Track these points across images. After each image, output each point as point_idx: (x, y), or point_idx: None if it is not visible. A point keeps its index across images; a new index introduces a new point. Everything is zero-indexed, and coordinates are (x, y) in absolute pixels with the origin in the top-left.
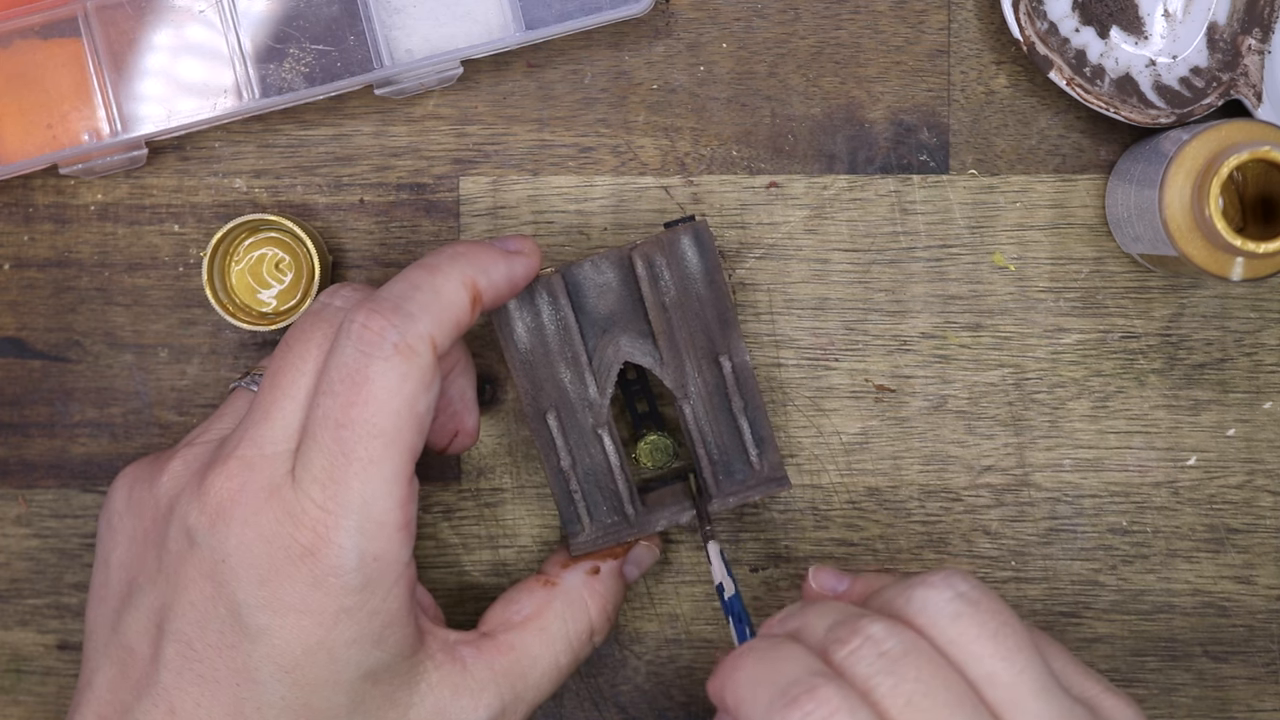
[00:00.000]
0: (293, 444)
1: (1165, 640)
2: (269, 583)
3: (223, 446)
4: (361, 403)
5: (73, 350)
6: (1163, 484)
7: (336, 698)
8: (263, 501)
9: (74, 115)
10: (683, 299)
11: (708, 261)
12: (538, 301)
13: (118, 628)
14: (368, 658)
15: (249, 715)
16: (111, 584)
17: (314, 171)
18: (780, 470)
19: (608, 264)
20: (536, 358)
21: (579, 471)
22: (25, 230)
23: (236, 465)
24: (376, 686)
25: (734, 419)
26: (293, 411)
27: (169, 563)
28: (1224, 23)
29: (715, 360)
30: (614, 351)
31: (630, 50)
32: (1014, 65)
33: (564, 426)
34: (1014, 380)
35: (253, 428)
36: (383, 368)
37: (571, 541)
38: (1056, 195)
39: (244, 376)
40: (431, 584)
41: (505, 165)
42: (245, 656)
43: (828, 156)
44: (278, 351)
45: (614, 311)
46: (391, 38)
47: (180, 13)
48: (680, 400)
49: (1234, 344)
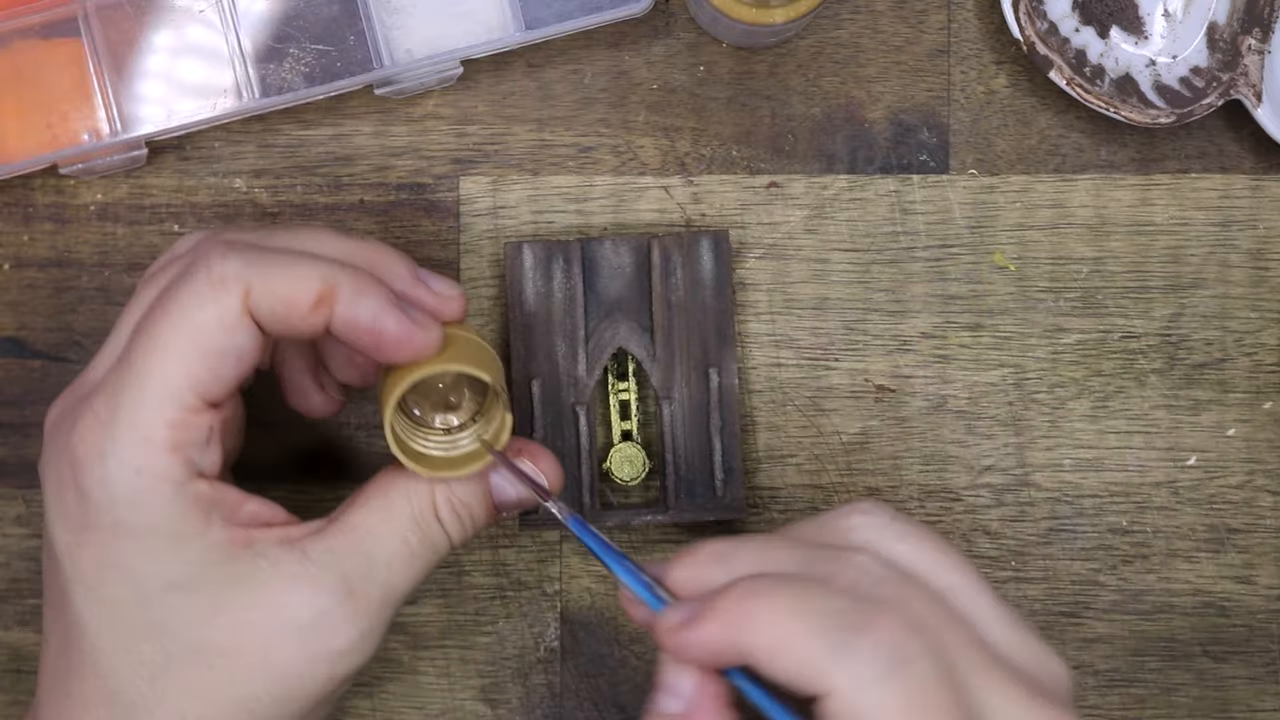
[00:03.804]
0: None
1: (1165, 640)
2: (61, 498)
3: None
4: (156, 317)
5: (73, 350)
6: (1163, 484)
7: (148, 613)
8: (63, 419)
9: (74, 115)
10: (689, 302)
11: (720, 272)
12: (553, 265)
13: None
14: (166, 570)
15: (74, 637)
16: None
17: (314, 171)
18: (741, 504)
19: (627, 248)
20: (537, 322)
21: (547, 447)
22: (25, 230)
23: (65, 393)
24: (192, 595)
25: (709, 436)
26: (121, 336)
27: None
28: (1224, 23)
29: (705, 372)
30: (611, 335)
31: (630, 50)
32: (1014, 65)
33: (545, 399)
34: (1014, 380)
35: (95, 357)
36: (188, 288)
37: (522, 515)
38: (1056, 195)
39: None
40: (431, 584)
41: (505, 165)
42: (60, 577)
43: (828, 156)
44: None
45: (621, 297)
46: (391, 38)
47: (180, 13)
48: (663, 399)
49: (1234, 344)
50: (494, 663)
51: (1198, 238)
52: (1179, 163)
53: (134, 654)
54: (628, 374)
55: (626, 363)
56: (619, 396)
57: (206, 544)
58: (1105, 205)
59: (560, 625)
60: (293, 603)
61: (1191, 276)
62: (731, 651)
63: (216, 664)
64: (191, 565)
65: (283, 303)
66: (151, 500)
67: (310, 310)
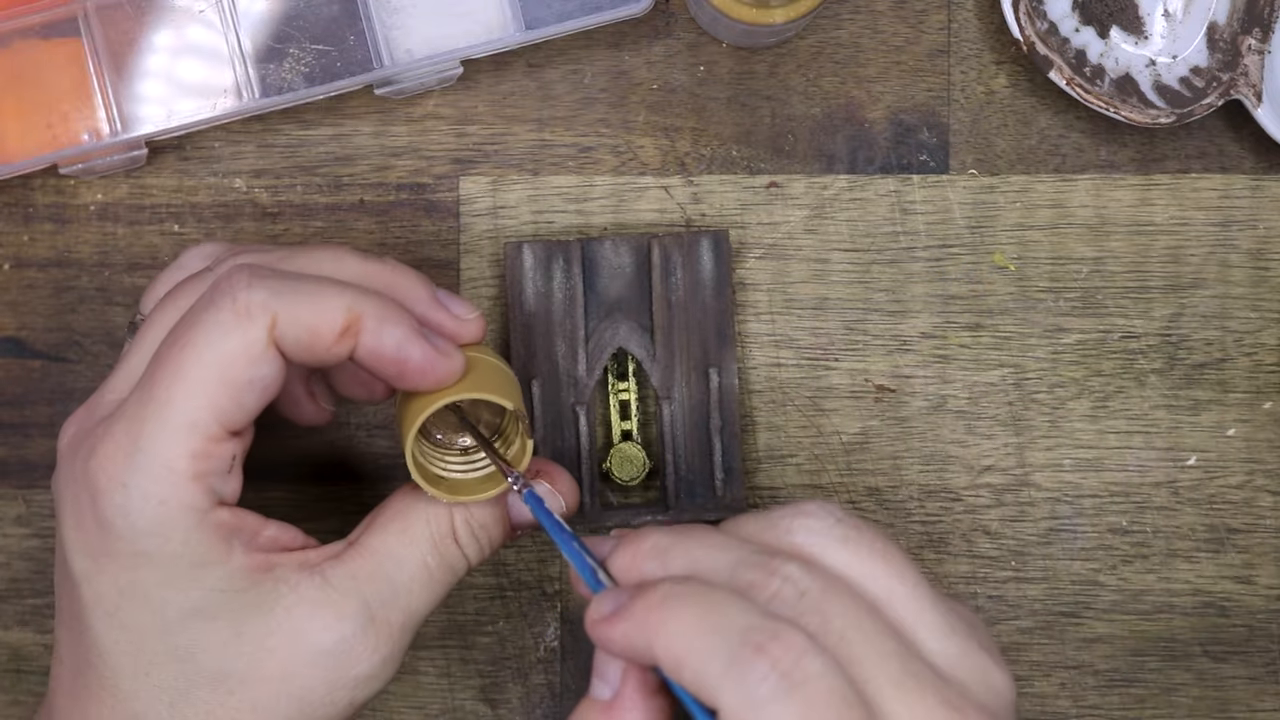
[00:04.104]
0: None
1: (1165, 640)
2: (80, 525)
3: None
4: (180, 345)
5: (73, 350)
6: (1163, 484)
7: (167, 639)
8: (81, 443)
9: (74, 115)
10: (689, 302)
11: (720, 272)
12: (553, 266)
13: None
14: (186, 598)
15: (93, 661)
16: None
17: (314, 171)
18: (741, 504)
19: (626, 248)
20: (537, 322)
21: (547, 447)
22: (25, 230)
23: (80, 412)
24: (212, 622)
25: (709, 436)
26: (141, 359)
27: None
28: (1224, 22)
29: (705, 372)
30: (611, 335)
31: (630, 50)
32: (1014, 65)
33: (545, 399)
34: (1014, 380)
35: (110, 377)
36: (213, 318)
37: None
38: (1056, 195)
39: (129, 327)
40: None
41: (505, 165)
42: (77, 603)
43: (828, 156)
44: None
45: (621, 297)
46: (391, 38)
47: (180, 13)
48: (663, 399)
49: (1234, 344)
50: (494, 663)
51: (1198, 238)
52: (1179, 163)
53: (154, 679)
54: (628, 374)
55: (626, 363)
56: (619, 396)
57: (228, 571)
58: (1105, 205)
59: (560, 625)
60: (314, 629)
61: (1191, 276)
62: (644, 653)
63: (237, 690)
64: (213, 592)
65: (309, 333)
66: (174, 530)
67: (335, 341)
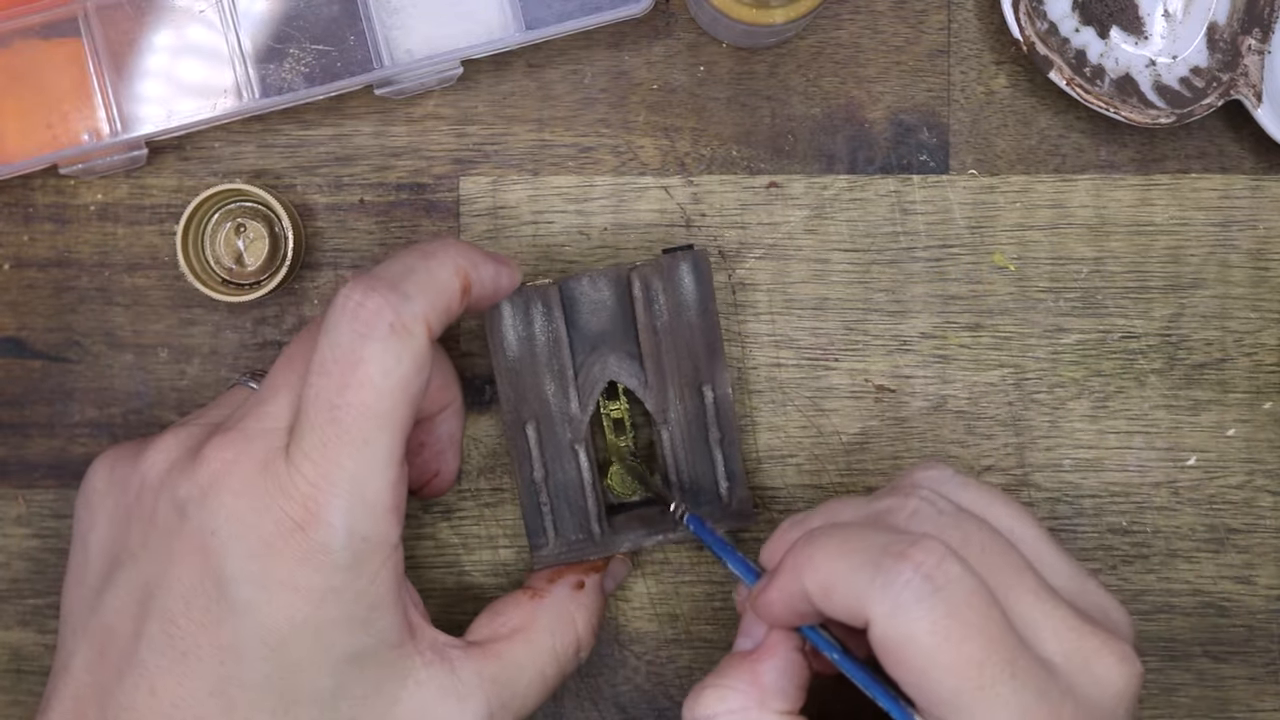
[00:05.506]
0: (289, 422)
1: (1165, 640)
2: (258, 556)
3: (221, 425)
4: (356, 385)
5: (73, 350)
6: (1163, 484)
7: (320, 679)
8: (256, 474)
9: (74, 115)
10: (674, 325)
11: (703, 290)
12: (532, 311)
13: (97, 608)
14: (354, 640)
15: (232, 694)
16: (91, 564)
17: (314, 171)
18: (748, 508)
19: (605, 281)
20: (523, 367)
21: (550, 485)
22: (25, 230)
23: (234, 437)
24: (363, 672)
25: (709, 450)
26: (292, 391)
27: (155, 537)
28: (1224, 23)
29: (699, 389)
30: (600, 369)
31: (630, 50)
32: (1014, 65)
33: (541, 438)
34: (1014, 380)
35: (255, 406)
36: (378, 349)
37: (535, 554)
38: (1056, 195)
39: (246, 375)
40: (431, 584)
41: (505, 165)
42: (231, 633)
43: (828, 156)
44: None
45: (605, 330)
46: (391, 38)
47: (180, 13)
48: (659, 424)
49: (1234, 344)
50: None
51: (1198, 238)
52: (1179, 163)
53: (291, 716)
54: (618, 393)
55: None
56: (612, 416)
57: (393, 622)
58: (1105, 205)
59: None
60: (438, 714)
61: (1191, 276)
62: (800, 597)
63: None
64: (375, 640)
65: (446, 310)
66: (368, 566)
67: (460, 301)
